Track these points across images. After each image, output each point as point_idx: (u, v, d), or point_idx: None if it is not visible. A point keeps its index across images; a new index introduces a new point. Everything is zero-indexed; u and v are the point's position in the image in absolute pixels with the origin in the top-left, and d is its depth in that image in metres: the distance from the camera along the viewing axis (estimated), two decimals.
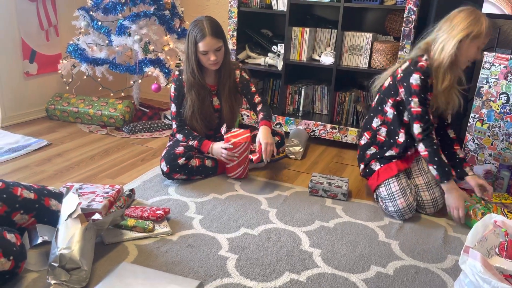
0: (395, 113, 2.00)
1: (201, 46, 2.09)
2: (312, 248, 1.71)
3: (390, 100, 2.00)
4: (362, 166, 2.12)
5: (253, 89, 2.36)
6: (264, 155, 2.13)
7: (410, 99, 1.90)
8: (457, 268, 1.62)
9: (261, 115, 2.29)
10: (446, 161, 1.90)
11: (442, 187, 1.93)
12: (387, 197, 1.96)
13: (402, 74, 1.94)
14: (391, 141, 2.04)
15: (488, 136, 2.38)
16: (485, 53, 2.34)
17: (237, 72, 2.33)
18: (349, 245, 1.75)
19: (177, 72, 2.30)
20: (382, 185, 1.99)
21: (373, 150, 2.09)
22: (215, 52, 2.12)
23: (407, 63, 1.95)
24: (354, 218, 1.97)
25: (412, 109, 1.90)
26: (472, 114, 2.42)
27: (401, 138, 2.00)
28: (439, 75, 1.87)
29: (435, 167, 1.88)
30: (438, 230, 1.91)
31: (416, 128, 1.90)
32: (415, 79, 1.87)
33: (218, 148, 2.24)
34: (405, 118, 1.99)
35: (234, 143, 2.19)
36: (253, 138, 2.31)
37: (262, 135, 2.16)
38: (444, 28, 1.87)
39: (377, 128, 2.07)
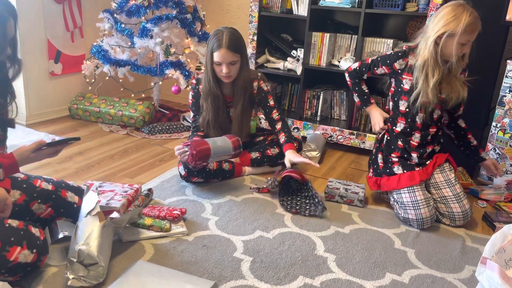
0: (392, 104, 2.08)
1: (215, 56, 2.09)
2: (327, 253, 1.71)
3: (389, 93, 2.09)
4: (380, 157, 2.10)
5: (271, 102, 2.32)
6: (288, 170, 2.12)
7: (374, 58, 2.09)
8: (475, 279, 1.59)
9: (283, 137, 2.27)
10: (366, 91, 2.18)
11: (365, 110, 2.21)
12: (411, 204, 1.93)
13: None
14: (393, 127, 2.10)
15: (510, 146, 2.34)
16: (508, 61, 2.30)
17: (255, 83, 2.29)
18: (364, 252, 1.74)
19: (194, 81, 2.30)
20: (406, 191, 1.96)
21: (385, 138, 2.14)
22: (228, 65, 2.10)
23: None
24: (370, 225, 1.96)
25: (365, 60, 2.13)
26: (494, 123, 2.38)
27: (399, 127, 2.05)
28: (428, 71, 1.86)
29: (356, 94, 2.20)
30: (456, 240, 1.88)
31: (353, 66, 2.16)
32: (390, 53, 2.04)
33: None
34: (402, 108, 2.03)
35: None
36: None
37: (292, 155, 2.17)
38: (430, 24, 1.86)
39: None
